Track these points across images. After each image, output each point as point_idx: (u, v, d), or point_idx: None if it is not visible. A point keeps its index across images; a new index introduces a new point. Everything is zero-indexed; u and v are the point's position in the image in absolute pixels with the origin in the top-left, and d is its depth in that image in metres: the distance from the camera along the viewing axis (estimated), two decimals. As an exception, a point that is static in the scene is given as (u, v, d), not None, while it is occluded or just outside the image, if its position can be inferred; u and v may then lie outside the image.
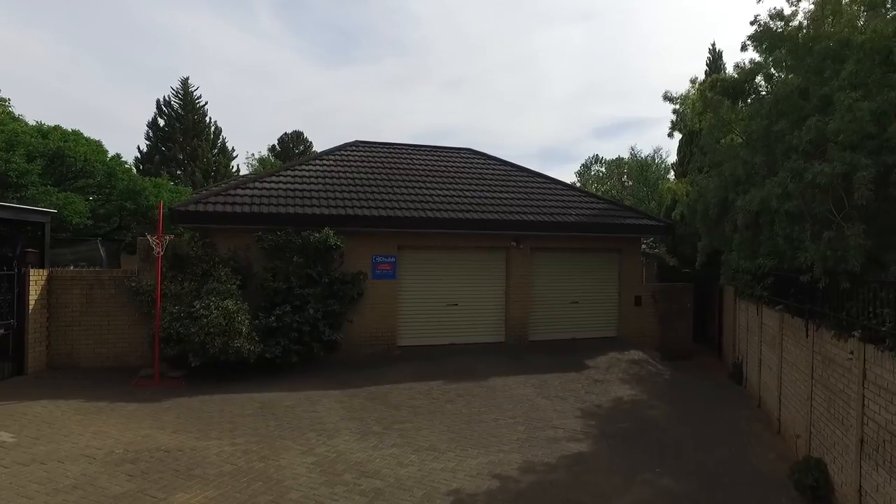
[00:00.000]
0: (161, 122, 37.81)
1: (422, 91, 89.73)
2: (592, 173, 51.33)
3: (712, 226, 10.34)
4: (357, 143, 17.71)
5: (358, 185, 14.73)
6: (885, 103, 6.44)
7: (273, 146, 47.45)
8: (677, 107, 12.00)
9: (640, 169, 39.67)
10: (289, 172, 14.90)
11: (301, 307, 12.17)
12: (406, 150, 18.09)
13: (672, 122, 12.17)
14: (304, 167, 15.42)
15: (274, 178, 14.41)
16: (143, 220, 21.23)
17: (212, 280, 11.72)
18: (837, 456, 6.49)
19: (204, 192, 14.23)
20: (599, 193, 32.91)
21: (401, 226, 13.43)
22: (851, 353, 5.90)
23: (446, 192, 15.09)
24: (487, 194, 15.49)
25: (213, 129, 39.81)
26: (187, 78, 38.12)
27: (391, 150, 17.83)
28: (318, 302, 12.38)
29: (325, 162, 15.99)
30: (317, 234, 12.38)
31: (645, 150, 59.33)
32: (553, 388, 11.51)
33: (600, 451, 8.30)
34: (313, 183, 14.44)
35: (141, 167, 34.97)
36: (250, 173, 33.64)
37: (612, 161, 48.97)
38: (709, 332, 18.62)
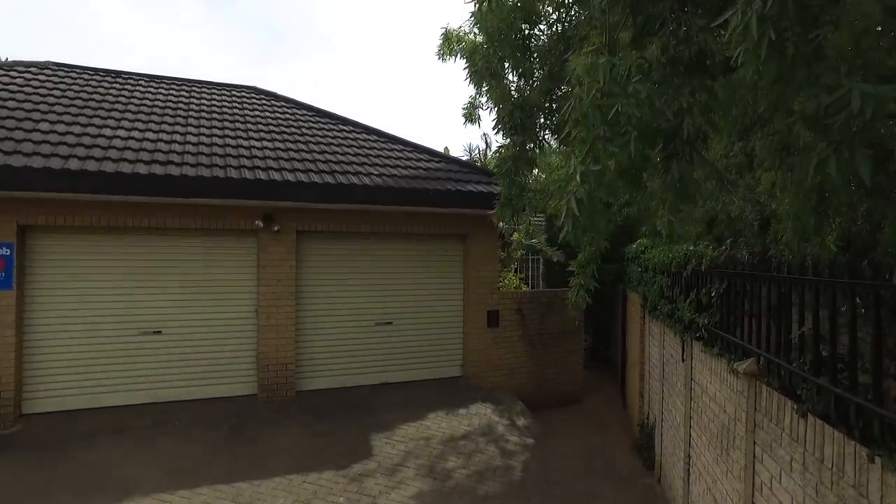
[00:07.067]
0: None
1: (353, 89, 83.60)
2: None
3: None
4: (48, 64, 10.68)
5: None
6: None
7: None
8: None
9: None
10: None
11: None
12: (137, 80, 11.07)
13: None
14: None
15: None
16: None
17: None
18: None
19: None
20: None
21: (27, 185, 6.72)
22: None
23: (153, 137, 8.44)
24: (236, 142, 8.99)
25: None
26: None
27: (111, 78, 10.84)
28: None
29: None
30: None
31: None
32: (253, 532, 5.21)
33: None
34: None
35: None
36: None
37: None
38: (612, 353, 13.08)
